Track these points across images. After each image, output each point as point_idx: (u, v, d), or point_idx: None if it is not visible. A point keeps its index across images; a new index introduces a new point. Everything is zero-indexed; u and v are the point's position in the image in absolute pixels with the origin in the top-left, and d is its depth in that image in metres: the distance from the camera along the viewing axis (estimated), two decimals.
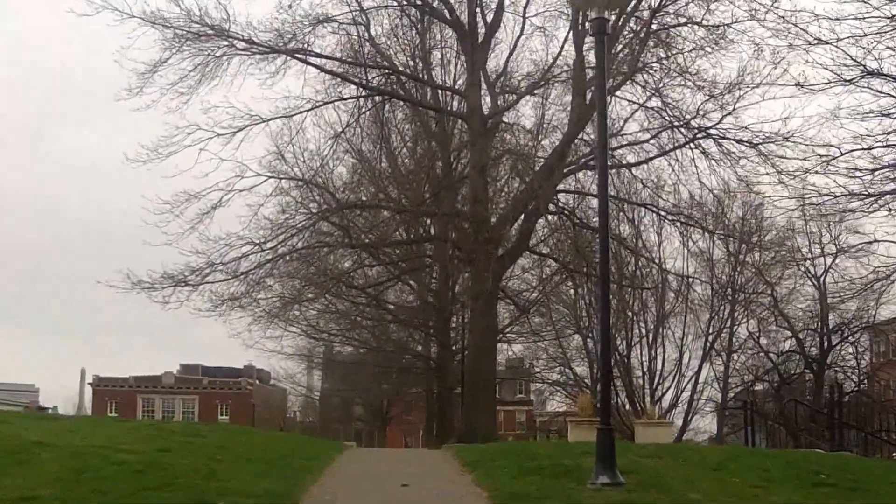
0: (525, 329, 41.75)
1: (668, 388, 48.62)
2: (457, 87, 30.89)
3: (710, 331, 45.65)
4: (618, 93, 26.80)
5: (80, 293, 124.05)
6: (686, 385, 47.79)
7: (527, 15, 28.88)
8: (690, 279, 35.93)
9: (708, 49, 25.86)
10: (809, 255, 45.29)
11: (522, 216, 26.63)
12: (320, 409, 73.59)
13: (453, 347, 40.08)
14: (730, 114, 27.43)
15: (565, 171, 27.44)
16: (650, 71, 26.49)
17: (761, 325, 47.77)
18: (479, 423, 27.04)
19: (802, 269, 46.53)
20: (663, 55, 26.19)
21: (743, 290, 44.48)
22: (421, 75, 29.29)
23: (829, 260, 45.59)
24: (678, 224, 29.78)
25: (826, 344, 47.25)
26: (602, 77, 14.30)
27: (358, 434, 75.61)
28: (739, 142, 27.57)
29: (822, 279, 46.69)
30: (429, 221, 33.83)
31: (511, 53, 29.52)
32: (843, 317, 46.86)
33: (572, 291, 41.90)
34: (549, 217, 28.90)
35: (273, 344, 37.59)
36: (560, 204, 28.36)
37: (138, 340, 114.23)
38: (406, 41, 29.88)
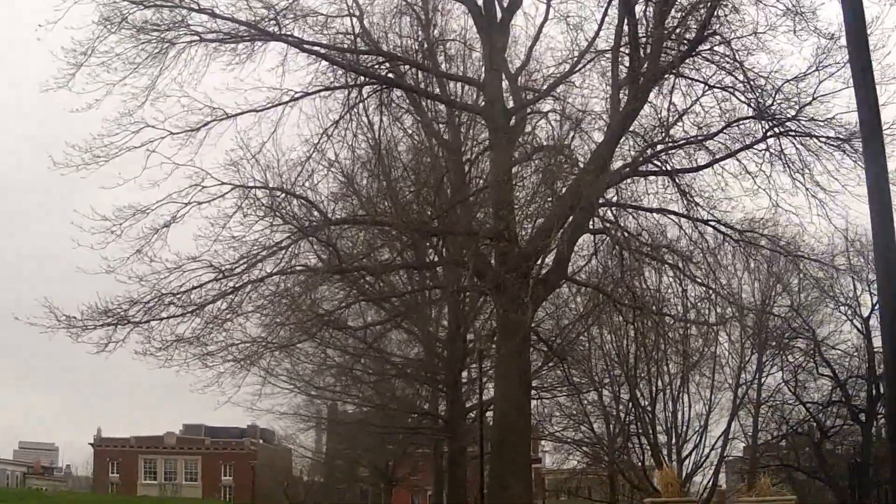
0: (545, 383, 33.07)
1: (696, 444, 40.59)
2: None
3: (742, 380, 37.72)
4: (676, 70, 18.91)
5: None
6: (716, 441, 39.60)
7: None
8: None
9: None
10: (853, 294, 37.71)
11: (564, 227, 18.17)
12: (325, 470, 64.62)
13: (466, 403, 31.52)
14: (808, 105, 19.72)
15: (612, 176, 19.28)
16: (721, 37, 18.53)
17: (797, 372, 39.59)
18: (511, 494, 19.12)
19: (844, 308, 38.55)
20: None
21: (779, 332, 36.53)
22: (426, 63, 21.14)
23: (875, 298, 38.09)
24: (741, 245, 21.65)
25: (874, 391, 38.70)
26: None
27: (364, 494, 66.80)
28: (820, 139, 19.85)
29: (867, 319, 38.73)
30: (435, 256, 25.34)
31: (534, 42, 21.46)
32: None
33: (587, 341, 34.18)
34: (589, 236, 20.68)
35: (258, 400, 28.80)
36: (605, 218, 20.02)
37: (162, 396, 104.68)
38: (406, 30, 21.88)
